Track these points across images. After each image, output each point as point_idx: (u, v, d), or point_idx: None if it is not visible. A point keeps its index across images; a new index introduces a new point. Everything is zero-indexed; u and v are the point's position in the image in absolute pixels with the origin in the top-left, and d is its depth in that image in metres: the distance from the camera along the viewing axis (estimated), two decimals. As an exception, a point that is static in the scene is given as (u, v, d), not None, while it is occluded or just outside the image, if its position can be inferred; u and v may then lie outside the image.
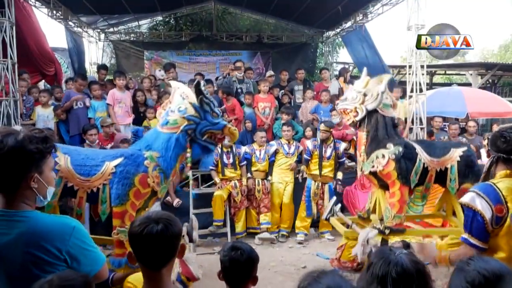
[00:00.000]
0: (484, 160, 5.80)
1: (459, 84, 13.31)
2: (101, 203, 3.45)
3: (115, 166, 3.42)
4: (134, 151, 3.59)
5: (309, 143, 5.87)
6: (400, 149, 4.03)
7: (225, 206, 5.70)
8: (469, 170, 4.22)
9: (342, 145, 5.87)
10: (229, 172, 5.77)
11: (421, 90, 6.98)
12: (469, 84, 12.42)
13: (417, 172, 4.09)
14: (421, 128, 6.93)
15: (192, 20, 11.99)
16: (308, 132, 6.45)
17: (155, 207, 4.10)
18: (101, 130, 5.98)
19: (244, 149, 5.90)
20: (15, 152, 1.42)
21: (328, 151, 5.72)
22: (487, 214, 1.99)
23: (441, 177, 4.21)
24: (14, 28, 5.98)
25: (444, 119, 8.19)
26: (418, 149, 4.15)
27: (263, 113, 7.06)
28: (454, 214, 4.52)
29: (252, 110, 7.11)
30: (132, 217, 3.46)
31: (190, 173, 6.10)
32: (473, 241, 2.04)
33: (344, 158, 5.97)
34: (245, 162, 5.86)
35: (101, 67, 8.28)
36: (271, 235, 5.75)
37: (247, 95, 7.17)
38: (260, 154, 5.92)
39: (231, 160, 5.77)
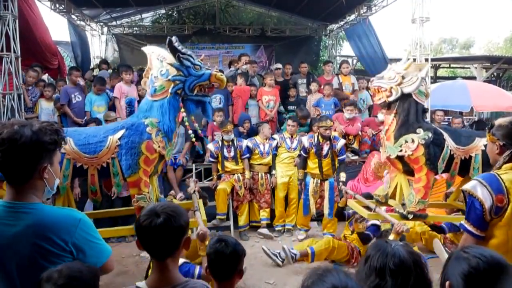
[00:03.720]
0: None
1: (464, 78, 13.28)
2: (113, 176, 3.57)
3: (119, 139, 3.52)
4: (134, 121, 3.64)
5: (304, 140, 5.60)
6: (430, 134, 4.02)
7: (228, 200, 5.72)
8: None
9: (340, 142, 5.52)
10: (230, 165, 5.76)
11: (425, 84, 6.93)
12: (473, 78, 12.33)
13: (444, 159, 4.09)
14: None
15: (195, 13, 11.96)
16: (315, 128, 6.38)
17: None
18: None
19: (246, 143, 5.87)
20: (32, 143, 1.44)
21: (325, 149, 5.45)
22: (487, 202, 2.00)
23: (464, 165, 4.20)
24: (17, 21, 5.98)
25: (447, 112, 8.15)
26: (446, 136, 4.14)
27: (267, 106, 7.04)
28: None
29: (256, 102, 7.11)
30: (146, 183, 3.60)
31: (193, 167, 6.14)
32: (470, 228, 2.07)
33: (344, 156, 5.60)
34: (247, 155, 5.84)
35: (103, 62, 8.40)
36: (270, 232, 5.73)
37: (252, 87, 7.19)
38: (264, 148, 5.90)
39: (232, 154, 5.75)
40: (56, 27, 10.39)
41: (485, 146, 4.09)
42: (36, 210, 1.47)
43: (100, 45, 11.21)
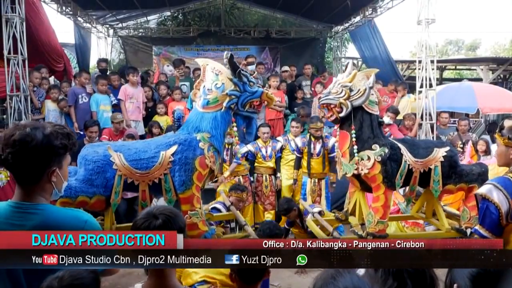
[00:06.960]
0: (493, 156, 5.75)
1: (470, 79, 13.17)
2: (165, 192, 3.52)
3: (172, 155, 3.48)
4: (186, 136, 3.61)
5: (298, 140, 5.66)
6: (386, 150, 3.80)
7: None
8: (452, 171, 3.99)
9: (332, 140, 5.53)
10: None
11: (430, 85, 6.91)
12: (480, 80, 12.25)
13: (402, 175, 3.87)
14: (431, 124, 6.87)
15: (200, 15, 12.01)
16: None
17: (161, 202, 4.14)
18: (112, 126, 5.96)
19: (248, 146, 5.84)
20: (42, 146, 1.45)
21: (317, 148, 5.53)
22: (504, 207, 1.96)
23: (424, 178, 3.99)
24: (24, 24, 6.03)
25: (452, 114, 8.10)
26: (403, 149, 3.91)
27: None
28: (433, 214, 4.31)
29: (263, 105, 7.06)
30: (199, 199, 3.60)
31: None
32: (484, 233, 2.02)
33: (335, 154, 5.52)
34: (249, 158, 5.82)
35: (101, 60, 8.43)
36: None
37: None
38: (266, 152, 5.88)
39: (229, 157, 5.72)
40: (63, 29, 10.45)
41: (444, 157, 3.90)
42: (43, 211, 1.49)
43: (106, 47, 11.28)
